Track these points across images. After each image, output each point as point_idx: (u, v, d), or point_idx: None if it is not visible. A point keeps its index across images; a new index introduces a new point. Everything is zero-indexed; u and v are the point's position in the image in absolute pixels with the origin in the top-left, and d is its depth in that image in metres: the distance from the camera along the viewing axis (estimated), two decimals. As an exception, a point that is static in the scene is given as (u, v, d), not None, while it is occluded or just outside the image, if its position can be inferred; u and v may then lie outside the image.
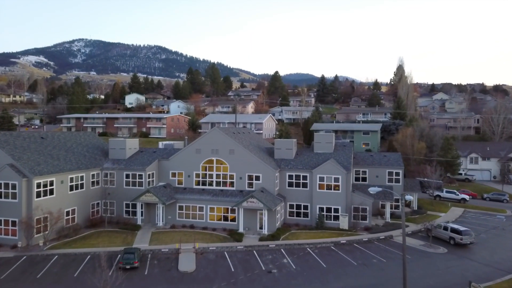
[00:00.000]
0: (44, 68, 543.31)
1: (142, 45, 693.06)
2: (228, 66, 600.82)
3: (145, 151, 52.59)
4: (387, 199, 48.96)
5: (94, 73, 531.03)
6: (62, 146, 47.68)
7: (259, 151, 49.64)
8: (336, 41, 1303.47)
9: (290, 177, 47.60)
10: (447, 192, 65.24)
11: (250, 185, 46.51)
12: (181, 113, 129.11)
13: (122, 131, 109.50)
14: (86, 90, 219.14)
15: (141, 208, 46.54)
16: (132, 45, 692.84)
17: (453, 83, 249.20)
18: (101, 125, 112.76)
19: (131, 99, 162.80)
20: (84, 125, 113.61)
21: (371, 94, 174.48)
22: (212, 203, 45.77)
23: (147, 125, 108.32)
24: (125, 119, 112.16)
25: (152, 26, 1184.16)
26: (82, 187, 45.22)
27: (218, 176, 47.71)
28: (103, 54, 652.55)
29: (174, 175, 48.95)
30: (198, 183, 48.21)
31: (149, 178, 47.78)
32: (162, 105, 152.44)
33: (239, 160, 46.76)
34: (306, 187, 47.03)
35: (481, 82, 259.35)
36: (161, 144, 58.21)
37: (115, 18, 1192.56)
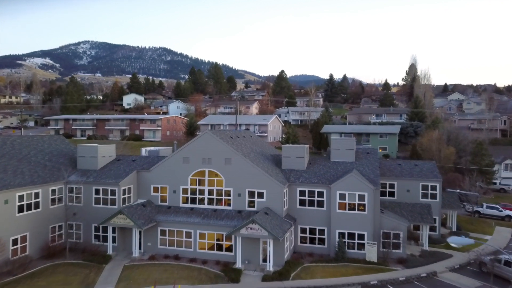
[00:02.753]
0: (49, 70, 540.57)
1: (147, 47, 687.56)
2: (233, 68, 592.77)
3: (123, 159, 42.72)
4: (424, 220, 38.75)
5: (100, 75, 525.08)
6: (16, 154, 38.00)
7: (262, 160, 39.73)
8: (341, 42, 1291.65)
9: (302, 193, 37.55)
10: (488, 207, 54.67)
11: (251, 203, 36.59)
12: (180, 114, 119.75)
13: (114, 133, 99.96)
14: (88, 91, 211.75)
15: (113, 233, 36.76)
16: (138, 47, 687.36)
17: (462, 83, 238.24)
18: (91, 127, 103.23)
19: (129, 100, 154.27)
20: (73, 127, 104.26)
21: (383, 94, 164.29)
22: (203, 228, 35.89)
23: (141, 127, 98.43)
24: (116, 121, 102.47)
25: (157, 28, 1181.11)
26: (37, 206, 35.50)
27: (210, 192, 37.82)
28: (109, 56, 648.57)
29: (156, 190, 39.08)
30: (186, 201, 38.36)
31: (124, 194, 37.99)
32: (161, 106, 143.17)
33: (237, 172, 36.88)
34: (323, 207, 36.98)
35: (491, 83, 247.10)
36: (144, 151, 48.23)
37: (120, 20, 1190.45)
